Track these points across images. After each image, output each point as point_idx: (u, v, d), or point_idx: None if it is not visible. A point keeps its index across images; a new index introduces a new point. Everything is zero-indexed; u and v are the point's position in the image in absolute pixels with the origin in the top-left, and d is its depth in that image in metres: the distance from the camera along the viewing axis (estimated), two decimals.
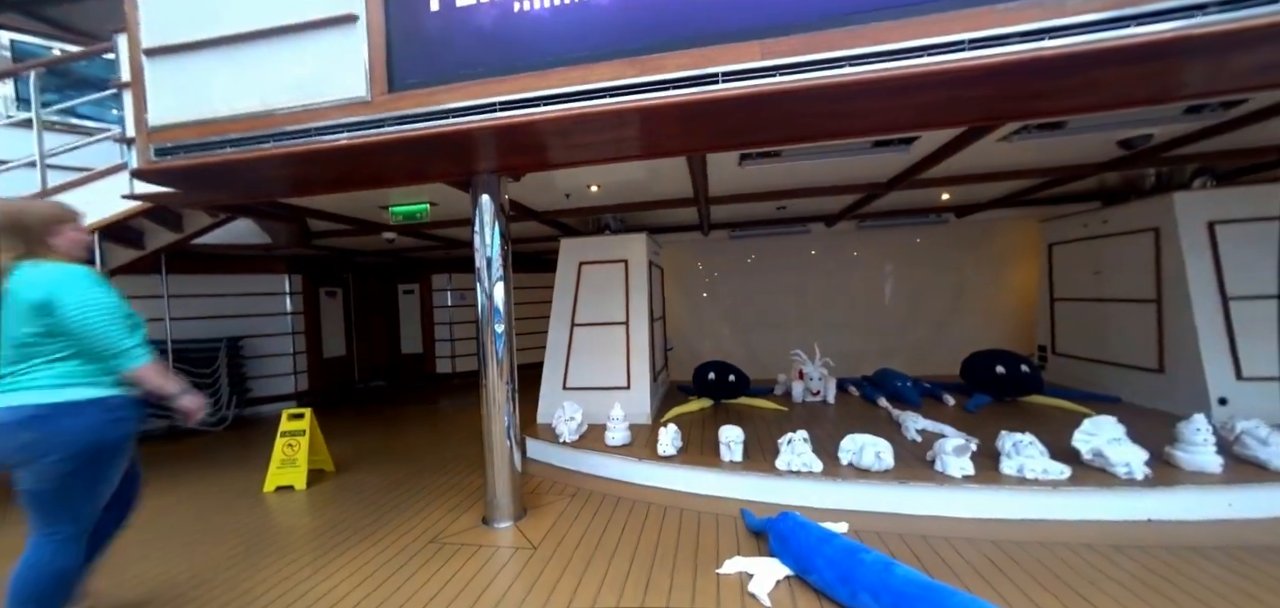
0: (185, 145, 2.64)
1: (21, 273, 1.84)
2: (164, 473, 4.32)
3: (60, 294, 1.81)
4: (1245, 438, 3.05)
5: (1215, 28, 1.82)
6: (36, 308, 1.80)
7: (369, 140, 2.51)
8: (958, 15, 1.99)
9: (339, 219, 4.88)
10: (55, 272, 1.85)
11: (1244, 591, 2.16)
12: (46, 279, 1.82)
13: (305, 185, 3.24)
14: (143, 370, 1.90)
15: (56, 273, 1.84)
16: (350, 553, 2.82)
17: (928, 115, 2.50)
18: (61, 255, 1.93)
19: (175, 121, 2.65)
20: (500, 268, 3.16)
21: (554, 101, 2.34)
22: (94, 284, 1.88)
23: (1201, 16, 1.82)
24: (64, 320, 1.81)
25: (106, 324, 1.85)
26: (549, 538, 2.90)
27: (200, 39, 2.58)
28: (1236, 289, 3.94)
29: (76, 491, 1.83)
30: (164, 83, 2.66)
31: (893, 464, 3.21)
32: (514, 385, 3.20)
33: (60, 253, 1.93)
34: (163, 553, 2.90)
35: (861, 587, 2.06)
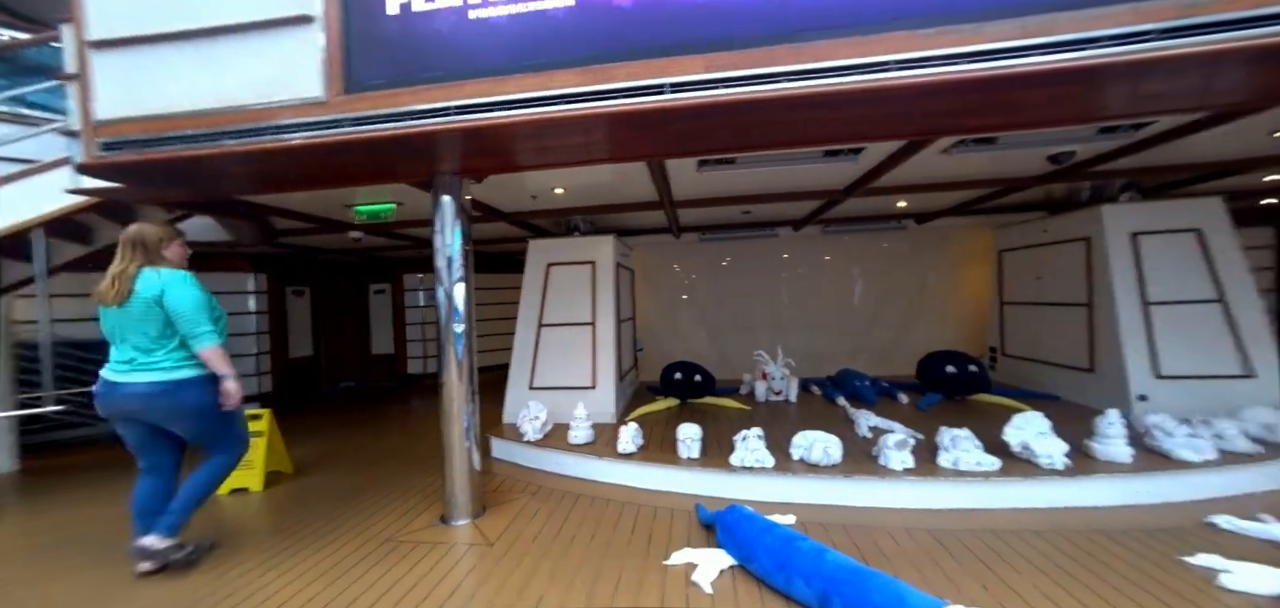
0: (134, 140, 2.60)
1: (144, 276, 2.53)
2: (113, 480, 4.19)
3: (168, 290, 2.52)
4: (1154, 431, 3.31)
5: (1109, 58, 2.01)
6: (153, 301, 2.49)
7: (325, 140, 2.53)
8: (886, 37, 2.14)
9: (303, 217, 4.82)
10: (167, 274, 2.57)
11: (1145, 571, 2.36)
12: (161, 280, 2.53)
13: (261, 183, 3.22)
14: (207, 352, 2.59)
15: (168, 275, 2.57)
16: (302, 554, 2.82)
17: (865, 128, 2.66)
18: (172, 263, 2.66)
19: (124, 116, 2.61)
20: (461, 268, 3.20)
21: (509, 107, 2.41)
22: (190, 284, 2.60)
23: (1096, 49, 2.00)
24: (167, 309, 2.50)
25: (191, 312, 2.54)
26: (506, 535, 2.95)
27: (151, 33, 2.55)
28: (1155, 295, 4.25)
29: (218, 430, 2.69)
30: (112, 76, 2.62)
31: (840, 459, 3.37)
32: (474, 386, 3.24)
33: (171, 261, 2.66)
34: (116, 559, 2.84)
35: (796, 573, 2.18)
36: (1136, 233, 4.38)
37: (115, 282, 2.49)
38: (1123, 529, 2.74)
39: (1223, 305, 4.15)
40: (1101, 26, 1.99)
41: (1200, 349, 4.11)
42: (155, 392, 2.47)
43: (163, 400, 2.49)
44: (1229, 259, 4.21)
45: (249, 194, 3.93)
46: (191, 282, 2.61)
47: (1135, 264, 4.33)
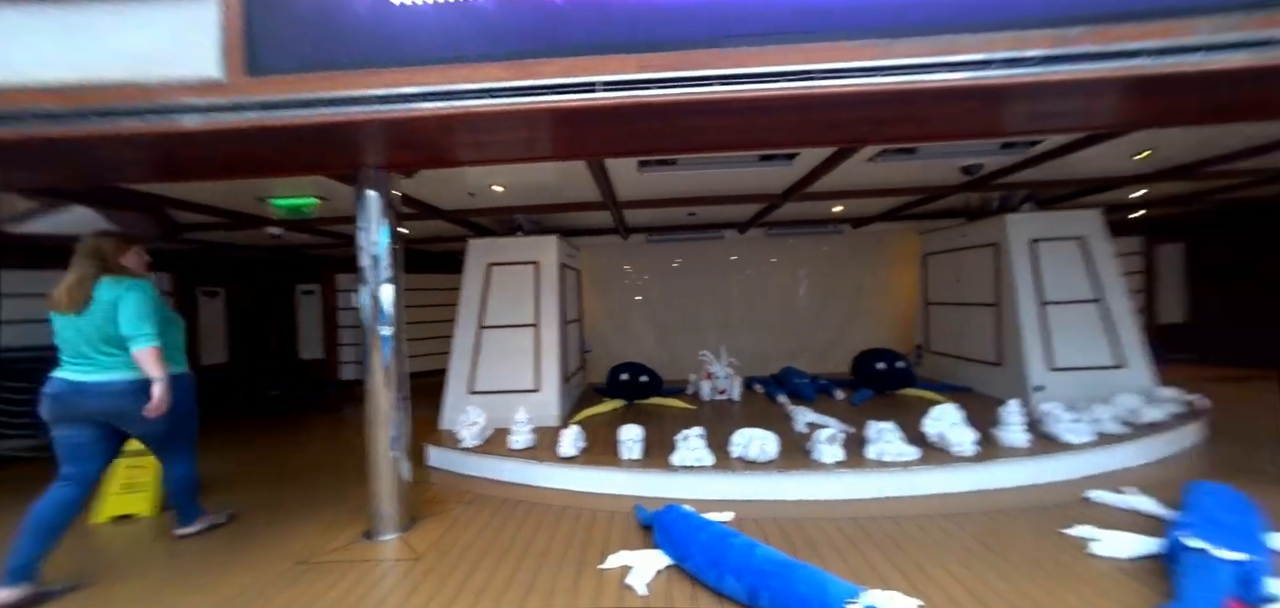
0: None
1: (103, 284, 2.63)
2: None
3: (124, 295, 2.62)
4: (1046, 418, 3.68)
5: (1000, 80, 2.19)
6: (110, 304, 2.59)
7: (226, 126, 2.29)
8: (811, 47, 2.22)
9: (210, 211, 4.36)
10: (125, 281, 2.68)
11: (1034, 544, 2.60)
12: (119, 286, 2.64)
13: (151, 171, 2.88)
14: (140, 353, 2.60)
15: (126, 282, 2.68)
16: (193, 586, 2.53)
17: (795, 134, 2.77)
18: (133, 271, 2.78)
19: None
20: (389, 267, 3.01)
21: (433, 99, 2.29)
22: (143, 290, 2.70)
23: (989, 70, 2.18)
24: (116, 313, 2.59)
25: (133, 314, 2.60)
26: (435, 548, 2.80)
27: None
28: (1050, 295, 4.74)
29: (172, 430, 2.83)
30: None
31: (776, 455, 3.48)
32: (403, 392, 3.07)
33: (132, 269, 2.78)
34: None
35: (727, 570, 2.22)
36: (1035, 240, 4.87)
37: (70, 291, 2.59)
38: (1019, 508, 3.02)
39: (1101, 305, 4.69)
40: (994, 50, 2.18)
41: (1084, 344, 4.63)
42: (118, 390, 2.60)
43: (123, 400, 2.61)
44: (1105, 264, 4.77)
45: (137, 182, 3.50)
46: (145, 288, 2.73)
47: (1033, 268, 4.80)
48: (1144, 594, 2.14)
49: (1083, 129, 3.10)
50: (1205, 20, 2.11)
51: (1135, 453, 3.62)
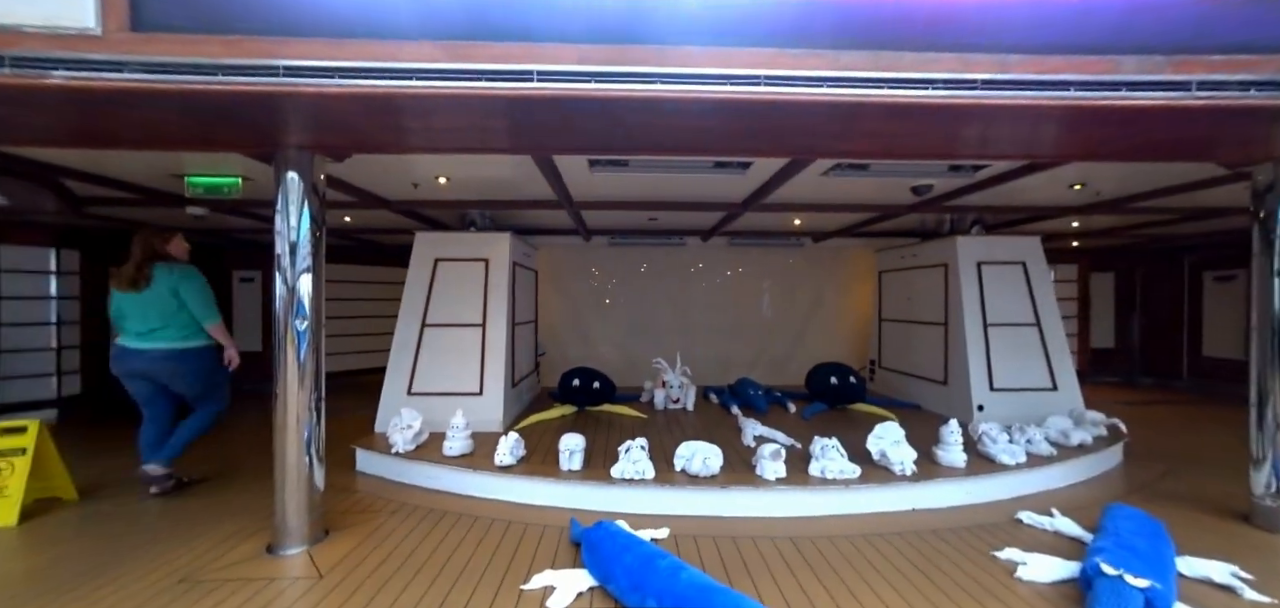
0: None
1: (159, 269, 3.36)
2: None
3: (181, 282, 3.38)
4: (983, 438, 3.76)
5: (942, 100, 2.19)
6: (171, 290, 3.34)
7: (102, 85, 2.02)
8: (756, 52, 2.15)
9: (113, 185, 3.94)
10: (179, 269, 3.44)
11: (964, 567, 2.60)
12: (174, 274, 3.39)
13: (8, 132, 2.53)
14: (214, 328, 3.49)
15: (179, 270, 3.44)
16: (60, 594, 2.21)
17: (741, 141, 2.71)
18: (176, 257, 3.52)
19: None
20: (308, 256, 2.77)
21: (355, 76, 2.09)
22: (197, 277, 3.48)
23: (932, 90, 2.17)
24: (182, 297, 3.36)
25: (202, 301, 3.44)
26: (343, 564, 2.56)
27: None
28: (993, 317, 4.90)
29: (207, 390, 3.53)
30: None
31: (718, 470, 3.40)
32: (319, 393, 2.82)
33: (175, 256, 3.52)
34: None
35: (650, 593, 2.10)
36: (981, 262, 5.02)
37: (133, 275, 3.31)
38: (954, 528, 3.04)
39: (1038, 328, 4.88)
40: (937, 70, 2.17)
41: (1022, 365, 4.79)
42: (166, 356, 3.34)
43: (170, 363, 3.34)
44: (1043, 289, 4.97)
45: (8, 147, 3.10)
46: (196, 274, 3.49)
47: (979, 290, 4.95)
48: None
49: (1022, 157, 3.18)
50: (1131, 59, 2.17)
51: (1062, 474, 3.74)
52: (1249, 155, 2.95)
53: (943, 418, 3.82)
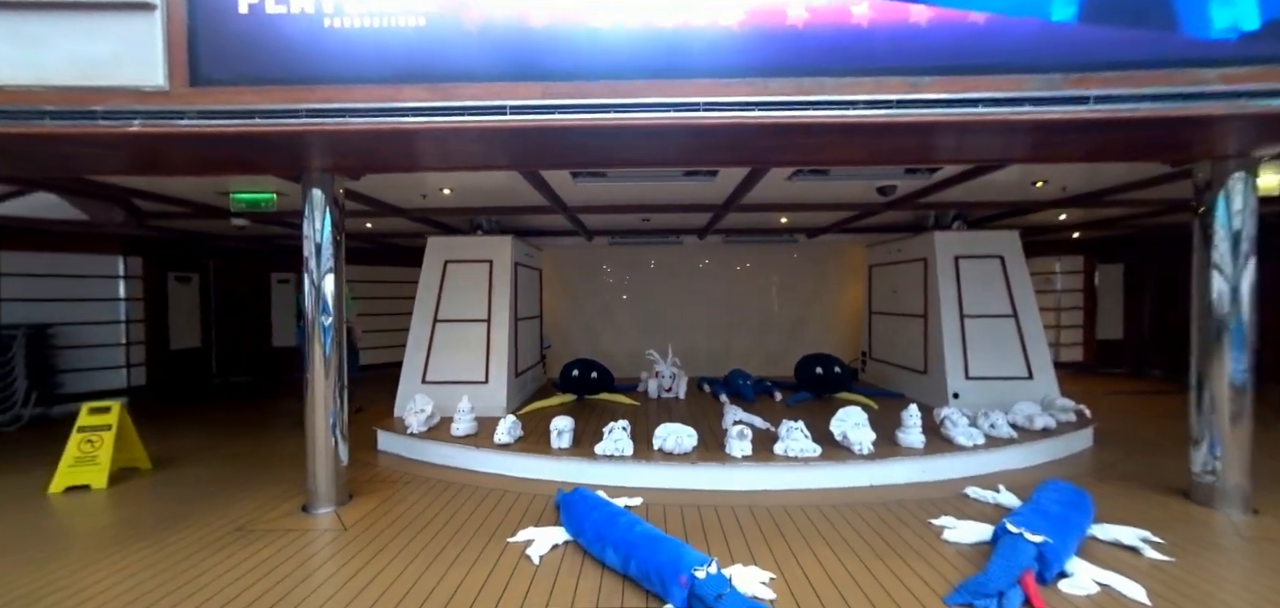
0: None
1: None
2: None
3: None
4: (945, 422, 4.01)
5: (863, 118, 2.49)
6: None
7: (168, 130, 2.53)
8: (697, 83, 2.50)
9: (173, 202, 4.58)
10: None
11: (901, 532, 2.90)
12: None
13: (97, 165, 3.11)
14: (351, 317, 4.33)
15: None
16: (144, 541, 2.78)
17: (695, 154, 3.06)
18: None
19: None
20: (331, 258, 3.27)
21: (362, 115, 2.55)
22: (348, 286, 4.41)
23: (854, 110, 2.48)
24: None
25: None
26: (363, 521, 3.07)
27: None
28: (970, 309, 5.08)
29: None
30: None
31: (692, 449, 3.77)
32: (341, 380, 3.32)
33: None
34: None
35: (610, 543, 2.51)
36: (959, 256, 5.20)
37: None
38: (905, 501, 3.32)
39: (1015, 319, 5.04)
40: (856, 93, 2.48)
41: (998, 355, 4.97)
42: None
43: None
44: (1021, 282, 5.11)
45: (85, 174, 3.71)
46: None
47: (956, 283, 5.14)
48: (967, 570, 2.45)
49: (949, 162, 3.43)
50: (1035, 77, 2.43)
51: (1024, 455, 3.96)
52: (1190, 155, 3.12)
53: (924, 404, 4.07)
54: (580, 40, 2.50)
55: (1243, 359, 3.02)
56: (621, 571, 2.43)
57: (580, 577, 2.47)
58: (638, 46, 2.51)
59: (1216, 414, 3.09)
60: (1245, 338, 3.02)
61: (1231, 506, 3.05)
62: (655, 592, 2.25)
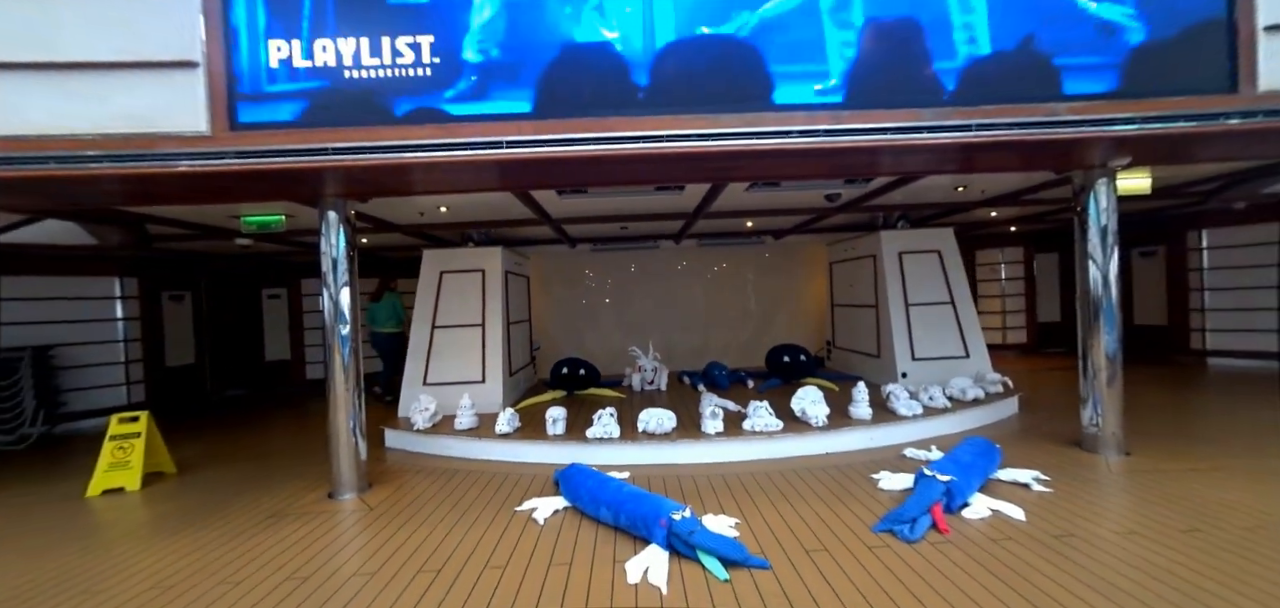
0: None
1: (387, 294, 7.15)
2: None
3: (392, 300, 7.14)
4: (889, 397, 4.63)
5: (804, 145, 3.06)
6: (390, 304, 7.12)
7: (211, 169, 2.94)
8: (660, 118, 3.03)
9: (182, 225, 4.90)
10: (389, 294, 7.17)
11: (845, 485, 3.47)
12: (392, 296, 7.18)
13: (145, 200, 3.48)
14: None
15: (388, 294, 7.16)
16: (191, 529, 3.16)
17: (660, 171, 3.61)
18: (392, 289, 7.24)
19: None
20: (346, 272, 3.68)
21: (377, 152, 3.00)
22: (396, 298, 7.17)
23: (790, 138, 3.05)
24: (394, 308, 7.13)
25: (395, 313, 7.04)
26: (385, 502, 3.50)
27: (20, 60, 2.79)
28: (913, 298, 5.76)
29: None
30: None
31: (671, 428, 4.30)
32: (359, 384, 3.74)
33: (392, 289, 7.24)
34: None
35: (603, 503, 3.01)
36: (902, 252, 5.88)
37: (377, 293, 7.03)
38: (853, 464, 3.91)
39: (952, 306, 5.73)
40: (792, 123, 3.05)
41: (939, 338, 5.65)
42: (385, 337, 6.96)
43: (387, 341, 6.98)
44: (956, 273, 5.82)
45: (129, 206, 4.06)
46: (397, 298, 7.08)
47: (901, 276, 5.81)
48: (891, 507, 3.03)
49: (876, 174, 4.07)
50: (929, 111, 3.04)
51: (957, 421, 4.61)
52: (1067, 165, 3.80)
53: (875, 386, 4.68)
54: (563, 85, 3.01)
55: (1114, 333, 3.71)
56: (613, 524, 2.93)
57: (579, 532, 2.96)
58: (613, 87, 3.03)
59: (1096, 379, 3.77)
60: (1115, 316, 3.71)
61: (1109, 450, 3.73)
62: (642, 536, 2.75)
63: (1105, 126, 3.03)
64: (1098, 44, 3.05)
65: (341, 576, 2.59)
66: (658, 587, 2.35)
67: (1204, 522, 2.70)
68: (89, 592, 2.51)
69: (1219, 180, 5.15)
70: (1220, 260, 7.06)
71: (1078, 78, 3.05)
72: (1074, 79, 3.05)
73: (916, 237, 5.92)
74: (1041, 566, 2.38)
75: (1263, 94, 3.00)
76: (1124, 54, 3.06)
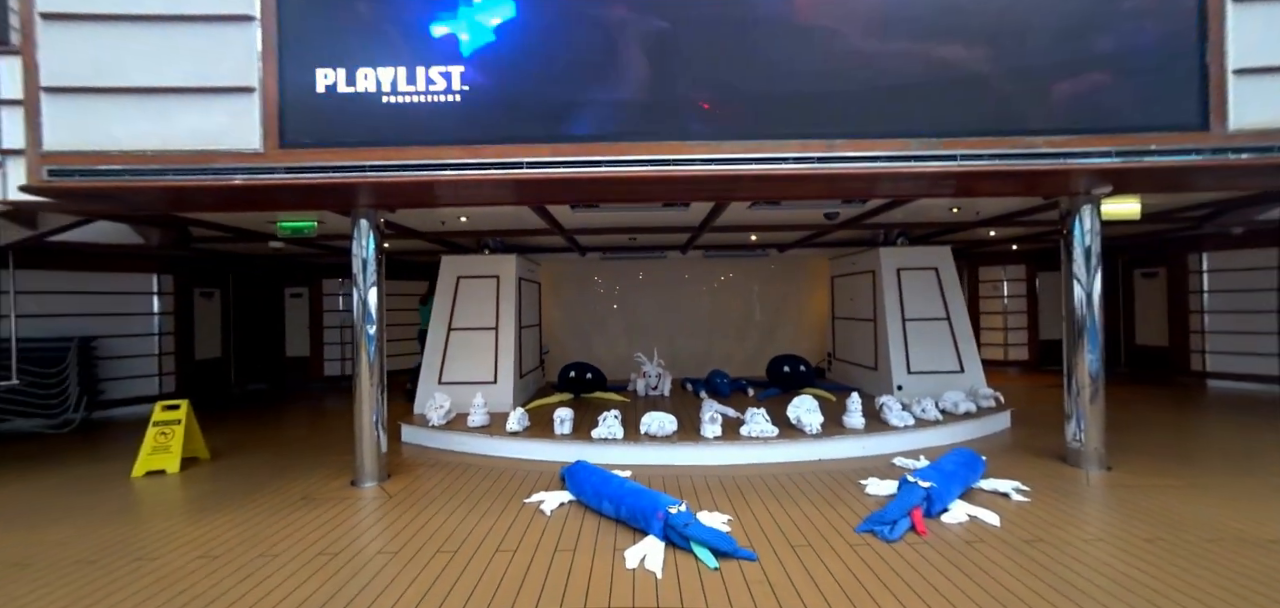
0: (81, 170, 3.17)
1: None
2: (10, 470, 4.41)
3: None
4: (882, 408, 4.83)
5: (794, 171, 3.31)
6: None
7: (263, 182, 3.27)
8: (665, 144, 3.30)
9: (223, 228, 5.27)
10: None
11: (835, 490, 3.67)
12: None
13: (199, 207, 3.83)
14: None
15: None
16: (228, 508, 3.46)
17: (668, 191, 3.88)
18: None
19: (70, 149, 3.17)
20: (374, 274, 3.99)
21: (411, 169, 3.31)
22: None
23: (783, 164, 3.30)
24: None
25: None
26: (404, 491, 3.78)
27: (99, 86, 3.15)
28: (910, 314, 5.95)
29: None
30: (61, 116, 3.17)
31: (672, 432, 4.54)
32: (383, 381, 4.03)
33: None
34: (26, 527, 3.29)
35: (605, 497, 3.26)
36: (900, 268, 6.08)
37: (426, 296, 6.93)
38: (844, 470, 4.11)
39: (948, 322, 5.91)
40: (785, 151, 3.30)
41: (934, 352, 5.83)
42: None
43: None
44: (952, 289, 6.00)
45: (183, 212, 4.42)
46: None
47: (898, 291, 6.01)
48: (875, 510, 3.24)
49: (870, 197, 4.30)
50: (916, 140, 3.28)
51: (948, 434, 4.78)
52: (1053, 191, 4.00)
53: (870, 398, 4.88)
54: (578, 111, 3.30)
55: (1097, 352, 3.89)
56: (614, 517, 3.17)
57: (583, 523, 3.21)
58: (618, 117, 3.31)
59: (1080, 396, 3.94)
60: (1098, 337, 3.89)
61: (1091, 464, 3.89)
62: (640, 528, 2.99)
63: (1081, 159, 3.25)
64: (1077, 80, 3.27)
65: (367, 553, 2.87)
66: (653, 572, 2.59)
67: (1166, 533, 2.88)
68: (145, 558, 2.82)
69: (1209, 207, 5.29)
70: (1220, 284, 7.15)
71: (1058, 112, 3.27)
72: (1055, 113, 3.27)
73: (914, 254, 6.12)
74: (1008, 566, 2.57)
75: (1233, 133, 3.20)
76: (1101, 91, 3.28)
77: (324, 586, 2.50)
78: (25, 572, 2.69)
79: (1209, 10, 3.20)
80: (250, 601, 2.38)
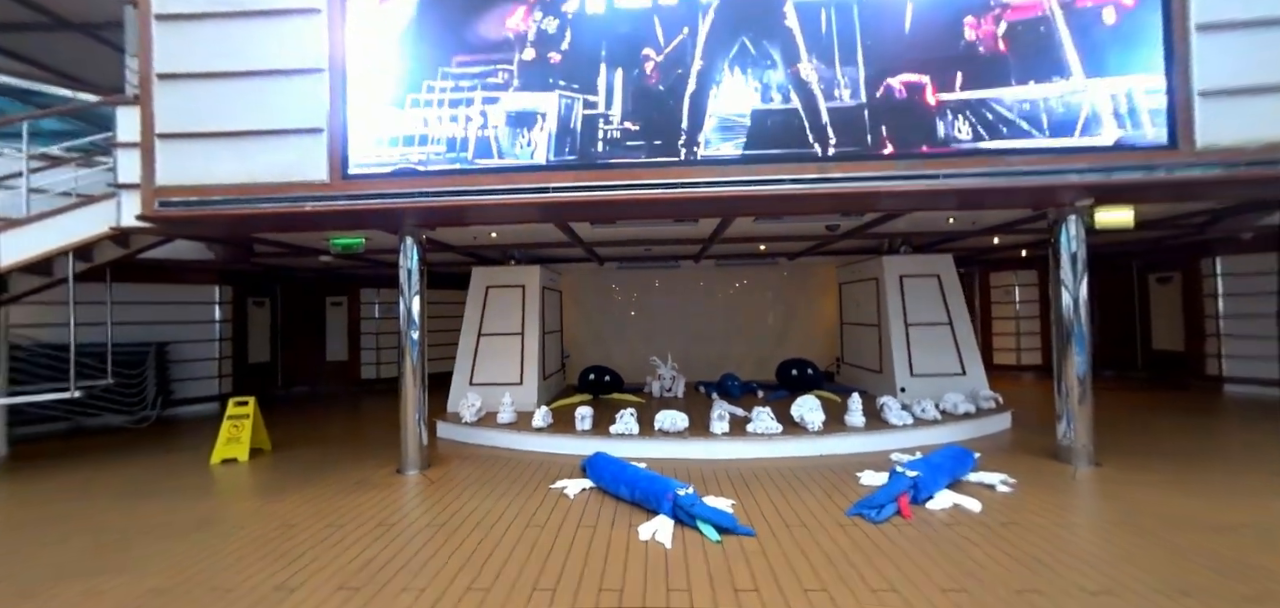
0: (186, 201, 3.78)
1: None
2: (98, 461, 5.08)
3: None
4: (884, 409, 5.11)
5: (791, 191, 3.69)
6: None
7: (327, 209, 3.83)
8: (675, 169, 3.74)
9: (282, 245, 5.91)
10: None
11: (835, 482, 4.00)
12: None
13: (272, 229, 4.43)
14: None
15: None
16: (296, 490, 4.00)
17: (678, 209, 4.29)
18: None
19: (177, 183, 3.78)
20: (418, 284, 4.51)
21: (450, 195, 3.82)
22: None
23: (782, 185, 3.68)
24: None
25: None
26: (443, 478, 4.26)
27: (201, 130, 3.76)
28: (913, 319, 6.20)
29: None
30: (170, 156, 3.79)
31: (684, 429, 4.92)
32: (424, 382, 4.54)
33: None
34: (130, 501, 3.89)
35: (622, 483, 3.67)
36: (903, 276, 6.34)
37: None
38: (843, 465, 4.42)
39: (950, 326, 6.14)
40: (784, 172, 3.68)
41: (936, 356, 6.07)
42: None
43: None
44: (954, 296, 6.23)
45: (257, 233, 5.06)
46: None
47: (901, 298, 6.27)
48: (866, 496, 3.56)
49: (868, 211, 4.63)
50: (903, 160, 3.62)
51: (948, 433, 5.03)
52: (1041, 202, 4.27)
53: (873, 399, 5.17)
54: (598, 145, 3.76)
55: (1084, 355, 4.12)
56: (630, 499, 3.58)
57: (602, 505, 3.62)
58: (632, 147, 3.75)
59: (1069, 397, 4.18)
60: (1085, 340, 4.13)
61: (1079, 460, 4.12)
62: (652, 508, 3.39)
63: (1058, 175, 3.54)
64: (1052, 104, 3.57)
65: (417, 526, 3.34)
66: (663, 544, 2.98)
67: (1134, 518, 3.13)
68: (238, 525, 3.35)
69: (1206, 214, 5.43)
70: (1234, 287, 7.16)
71: (1037, 132, 3.58)
72: (1033, 134, 3.57)
73: (917, 262, 6.38)
74: (981, 543, 2.88)
75: (1200, 151, 3.44)
76: (1077, 112, 3.57)
77: (386, 549, 2.98)
78: (150, 536, 3.25)
79: (1175, 36, 3.47)
80: (327, 558, 2.87)
